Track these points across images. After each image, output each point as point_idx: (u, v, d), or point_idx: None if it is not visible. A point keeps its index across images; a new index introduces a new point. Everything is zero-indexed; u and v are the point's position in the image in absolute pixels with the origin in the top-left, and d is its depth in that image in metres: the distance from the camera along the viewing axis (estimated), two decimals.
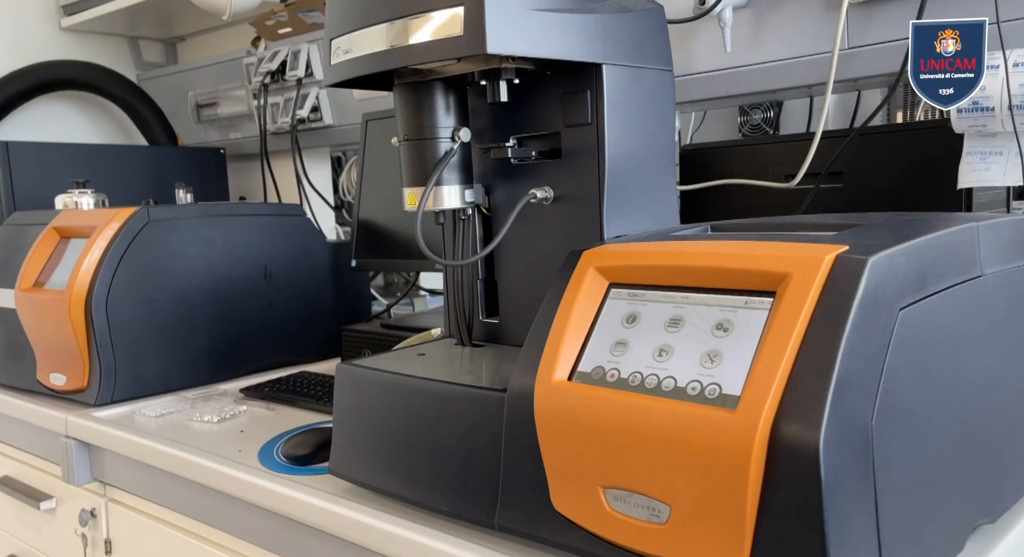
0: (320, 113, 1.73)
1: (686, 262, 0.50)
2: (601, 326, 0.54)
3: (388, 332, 1.15)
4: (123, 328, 1.09)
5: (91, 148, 1.71)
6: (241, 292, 1.24)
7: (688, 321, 0.49)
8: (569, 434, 0.51)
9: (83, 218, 1.17)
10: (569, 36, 0.62)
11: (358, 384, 0.70)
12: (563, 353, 0.54)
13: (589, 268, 0.56)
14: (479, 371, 0.67)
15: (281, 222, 1.31)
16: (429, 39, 0.59)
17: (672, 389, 0.47)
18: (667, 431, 0.46)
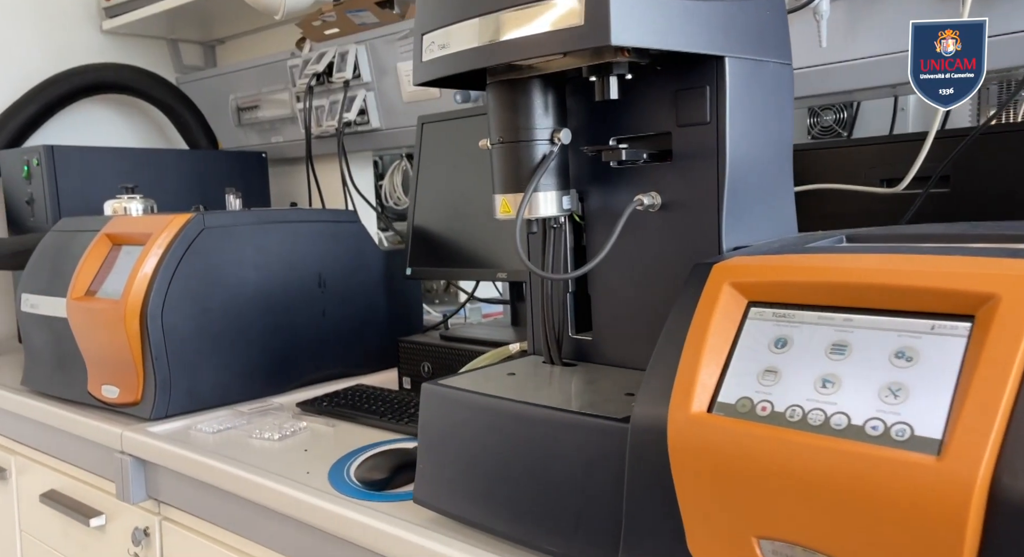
0: (367, 116, 1.69)
1: (852, 279, 0.45)
2: (743, 350, 0.48)
3: (448, 345, 1.10)
4: (178, 339, 1.06)
5: (133, 152, 1.68)
6: (295, 301, 1.19)
7: (856, 348, 0.44)
8: (713, 474, 0.46)
9: (136, 225, 1.14)
10: (693, 26, 0.56)
11: (448, 406, 0.65)
12: (700, 381, 0.48)
13: (724, 284, 0.50)
14: (581, 395, 0.61)
15: (335, 229, 1.26)
16: (544, 31, 0.54)
17: (845, 427, 0.41)
18: (846, 477, 0.40)
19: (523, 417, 0.58)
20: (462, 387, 0.65)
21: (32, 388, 1.27)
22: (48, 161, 1.54)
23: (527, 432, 0.58)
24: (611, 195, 0.69)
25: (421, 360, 1.13)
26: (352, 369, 1.28)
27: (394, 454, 0.80)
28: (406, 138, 1.68)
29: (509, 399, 0.59)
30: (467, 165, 1.23)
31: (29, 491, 1.32)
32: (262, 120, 1.97)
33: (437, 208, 1.26)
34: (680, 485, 0.47)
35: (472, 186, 1.21)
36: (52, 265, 1.23)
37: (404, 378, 1.16)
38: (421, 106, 1.58)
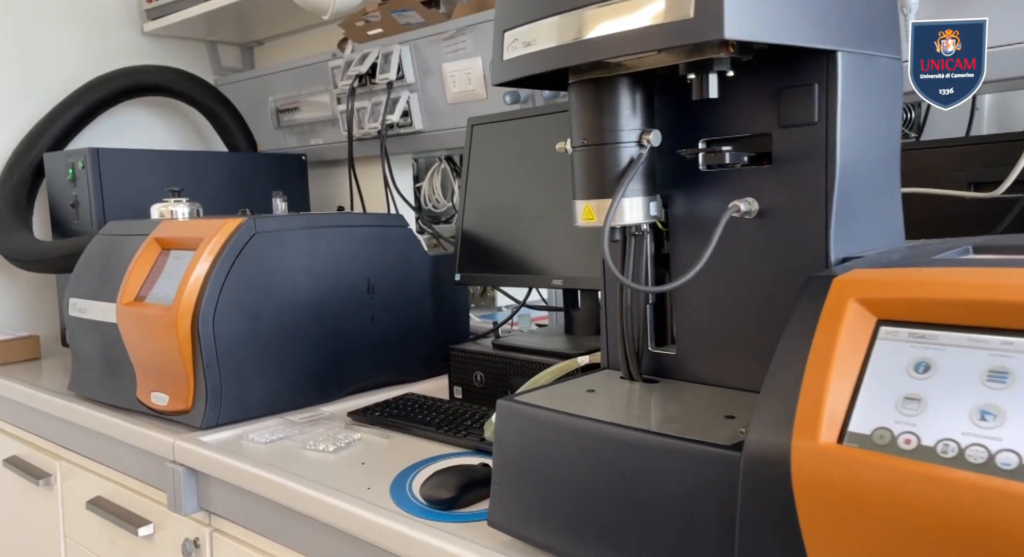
0: (410, 118, 1.66)
1: (1010, 297, 0.40)
2: (876, 375, 0.44)
3: (502, 354, 1.06)
4: (229, 346, 1.03)
5: (175, 154, 1.67)
6: (345, 307, 1.16)
7: (1020, 375, 0.39)
8: (849, 512, 0.41)
9: (186, 229, 1.12)
10: (807, 18, 0.52)
11: (527, 425, 0.61)
12: (827, 408, 0.44)
13: (849, 300, 0.46)
14: (674, 416, 0.57)
15: (384, 233, 1.23)
16: (644, 25, 0.50)
17: (1015, 467, 0.37)
18: (1018, 526, 0.35)
19: (616, 440, 0.54)
20: (543, 405, 0.61)
21: (79, 393, 1.26)
22: (93, 164, 1.53)
23: (620, 456, 0.54)
24: (698, 200, 0.64)
25: (473, 369, 1.10)
26: (400, 377, 1.25)
27: (460, 471, 0.76)
28: (449, 140, 1.65)
29: (599, 420, 0.55)
30: (518, 168, 1.19)
31: (74, 497, 1.31)
32: (301, 122, 1.95)
33: (487, 212, 1.23)
34: (807, 523, 0.43)
35: (523, 189, 1.17)
36: (100, 269, 1.22)
37: (455, 387, 1.13)
38: (466, 108, 1.55)
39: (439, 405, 1.06)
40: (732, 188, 0.62)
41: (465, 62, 1.51)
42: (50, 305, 1.87)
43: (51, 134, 1.78)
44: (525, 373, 1.02)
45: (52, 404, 1.28)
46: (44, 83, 1.86)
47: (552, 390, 0.66)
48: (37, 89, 1.85)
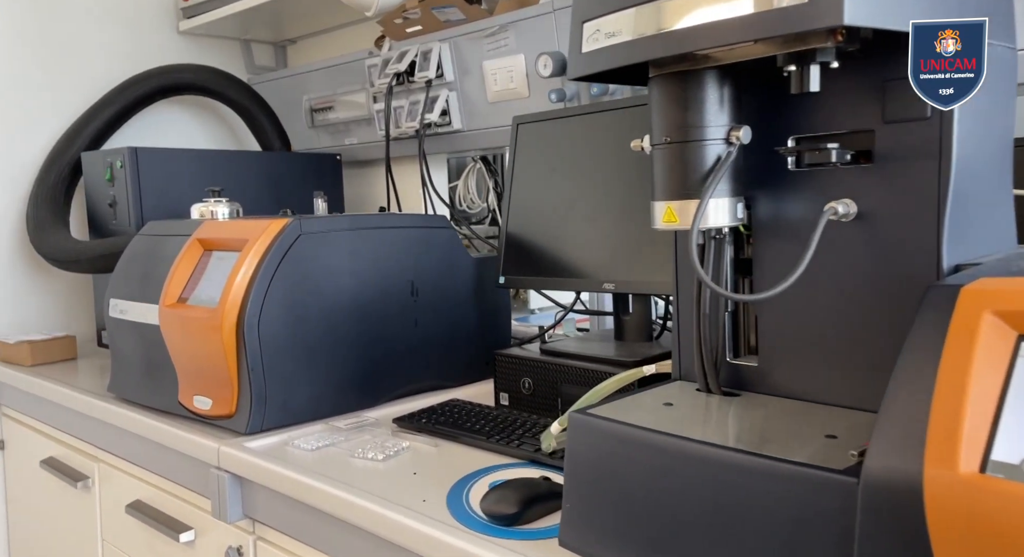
0: (448, 117, 1.62)
1: None
2: (1021, 396, 0.39)
3: (551, 361, 1.02)
4: (274, 349, 1.00)
5: (210, 154, 1.66)
6: (388, 310, 1.13)
7: None
8: (997, 551, 0.37)
9: (229, 230, 1.09)
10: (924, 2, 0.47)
11: (604, 441, 0.57)
12: (965, 433, 0.39)
13: (984, 312, 0.42)
14: (767, 434, 0.53)
15: (428, 235, 1.20)
16: (748, 12, 0.46)
17: None
18: None
19: (709, 460, 0.50)
20: (621, 419, 0.57)
21: (119, 395, 1.24)
22: (132, 163, 1.52)
23: (713, 478, 0.50)
24: (785, 202, 0.60)
25: (521, 375, 1.06)
26: (443, 382, 1.22)
27: (521, 485, 0.72)
28: (487, 140, 1.61)
29: (689, 438, 0.51)
30: (566, 168, 1.15)
31: (113, 500, 1.30)
32: (336, 121, 1.93)
33: (532, 213, 1.19)
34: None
35: (572, 190, 1.14)
36: (141, 270, 1.20)
37: (501, 393, 1.09)
38: (507, 107, 1.51)
39: (486, 412, 1.02)
40: (825, 189, 0.57)
41: (507, 60, 1.47)
42: (86, 305, 1.87)
43: (88, 133, 1.78)
44: (576, 381, 0.99)
45: (91, 406, 1.27)
46: (80, 82, 1.86)
47: (625, 403, 0.62)
48: (74, 88, 1.85)
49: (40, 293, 1.79)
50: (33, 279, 1.78)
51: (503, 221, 1.22)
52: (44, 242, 1.59)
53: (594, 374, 0.96)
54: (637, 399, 0.64)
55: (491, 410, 1.03)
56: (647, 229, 1.00)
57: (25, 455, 1.62)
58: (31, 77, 1.78)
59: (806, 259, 0.52)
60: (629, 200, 1.05)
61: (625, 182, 1.06)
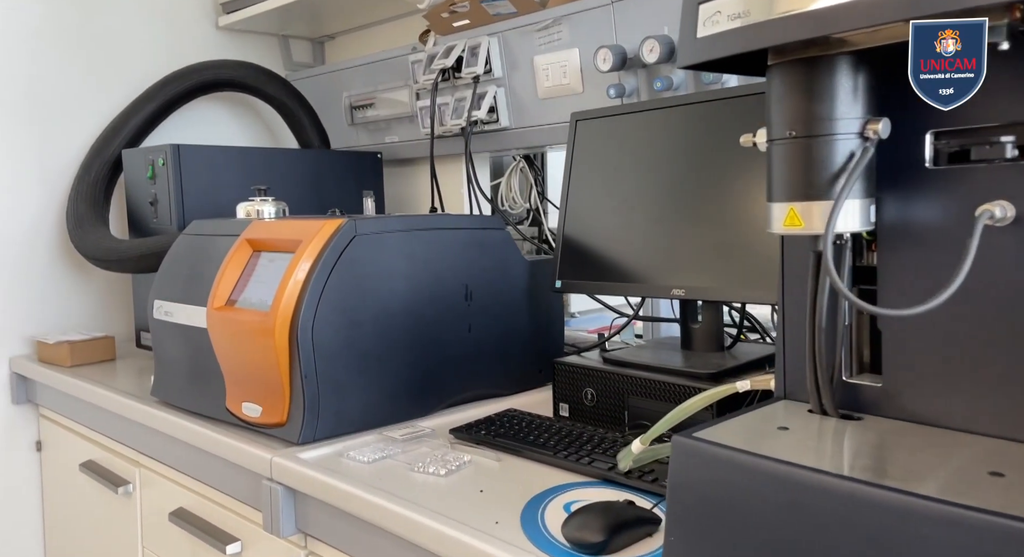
0: (496, 114, 1.58)
1: None
2: None
3: (616, 371, 0.97)
4: (327, 355, 0.97)
5: (252, 151, 1.63)
6: (442, 315, 1.09)
7: None
8: None
9: (280, 230, 1.06)
10: None
11: (716, 469, 0.52)
12: None
13: None
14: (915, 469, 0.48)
15: (482, 237, 1.16)
16: None
17: None
18: None
19: (857, 500, 0.45)
20: (735, 446, 0.52)
21: (162, 399, 1.22)
22: (174, 160, 1.49)
23: (862, 521, 0.45)
24: (918, 203, 0.55)
25: (583, 386, 1.01)
26: (496, 390, 1.18)
27: (605, 511, 0.68)
28: (536, 138, 1.57)
29: (830, 473, 0.46)
30: (628, 166, 1.10)
31: (155, 507, 1.27)
32: (376, 119, 1.90)
33: (591, 214, 1.14)
34: None
35: (636, 189, 1.09)
36: (187, 271, 1.17)
37: (561, 404, 1.05)
38: (559, 103, 1.47)
39: (547, 424, 0.98)
40: (972, 189, 0.52)
41: (560, 54, 1.43)
42: (125, 305, 1.86)
43: (128, 130, 1.76)
44: (645, 393, 0.94)
45: (134, 409, 1.24)
46: (120, 78, 1.85)
47: (732, 426, 0.57)
48: (114, 84, 1.84)
49: (78, 292, 1.79)
50: (72, 278, 1.78)
51: (560, 222, 1.18)
52: (84, 240, 1.58)
53: (665, 387, 0.91)
54: (743, 422, 0.58)
55: (552, 422, 0.99)
56: (721, 231, 0.95)
57: (63, 458, 1.61)
58: (71, 73, 1.78)
59: (964, 269, 0.47)
60: (700, 201, 1.00)
61: (695, 182, 1.01)
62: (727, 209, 0.96)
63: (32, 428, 1.71)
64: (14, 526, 1.69)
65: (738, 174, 0.95)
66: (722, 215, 0.96)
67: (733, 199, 0.96)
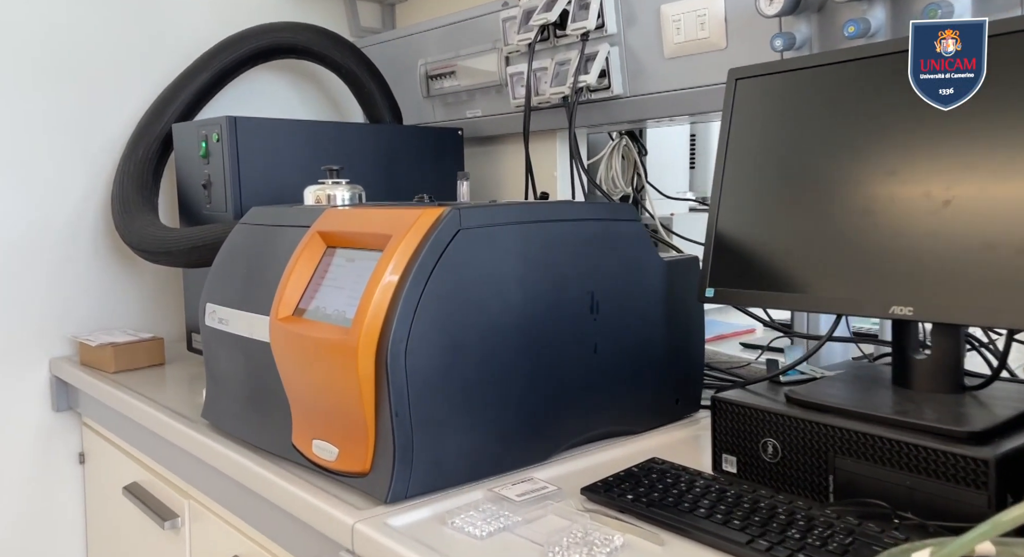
0: (608, 79, 1.36)
1: None
2: None
3: (811, 418, 0.75)
4: (425, 386, 0.78)
5: (320, 126, 1.46)
6: (562, 332, 0.89)
7: None
8: None
9: (361, 221, 0.87)
10: None
11: None
12: None
13: None
14: None
15: (611, 231, 0.95)
16: None
17: None
18: None
19: None
20: None
21: (214, 423, 1.06)
22: (231, 135, 1.33)
23: None
24: None
25: (760, 434, 0.79)
26: (625, 427, 0.97)
27: None
28: (657, 107, 1.34)
29: None
30: (813, 139, 0.87)
31: (207, 549, 1.12)
32: (457, 90, 1.70)
33: (757, 203, 0.92)
34: None
35: (824, 171, 0.85)
36: (244, 269, 1.00)
37: (725, 456, 0.83)
38: (692, 63, 1.24)
39: (713, 486, 0.76)
40: None
41: (697, 1, 1.20)
42: (175, 301, 1.72)
43: (179, 103, 1.61)
44: (862, 453, 0.71)
45: (182, 435, 1.09)
46: (170, 45, 1.70)
47: None
48: (163, 52, 1.69)
49: (125, 286, 1.66)
50: (118, 270, 1.65)
51: (712, 213, 0.95)
52: (131, 229, 1.44)
53: (901, 449, 0.68)
54: None
55: (718, 482, 0.77)
56: (971, 226, 0.71)
57: (107, 475, 1.48)
58: (117, 40, 1.64)
59: None
60: (934, 186, 0.76)
61: (928, 159, 0.77)
62: (984, 195, 0.72)
63: (75, 438, 1.59)
64: (55, 545, 1.58)
65: (999, 142, 0.71)
66: (975, 203, 0.72)
67: (993, 180, 0.71)
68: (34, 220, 1.54)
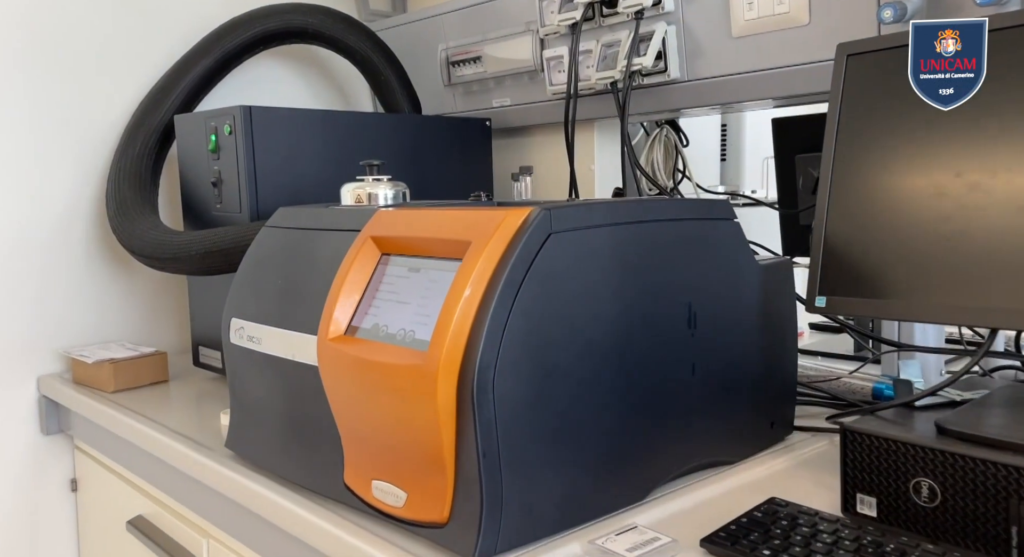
0: (664, 62, 1.26)
1: None
2: None
3: (975, 453, 0.65)
4: (514, 418, 0.67)
5: (342, 118, 1.34)
6: (660, 350, 0.78)
7: None
8: None
9: (424, 225, 0.76)
10: None
11: None
12: None
13: None
14: None
15: (708, 231, 0.84)
16: None
17: None
18: None
19: None
20: None
21: (241, 454, 0.94)
22: (245, 127, 1.21)
23: None
24: None
25: (911, 474, 0.69)
26: (720, 457, 0.86)
27: None
28: (720, 93, 1.24)
29: None
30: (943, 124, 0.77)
31: None
32: (483, 77, 1.59)
33: (879, 199, 0.82)
34: None
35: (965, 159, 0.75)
36: (281, 280, 0.89)
37: (862, 497, 0.73)
38: (764, 43, 1.14)
39: (863, 537, 0.66)
40: None
41: None
42: (175, 309, 1.60)
43: (180, 92, 1.49)
44: None
45: (203, 468, 0.97)
46: (168, 27, 1.57)
47: None
48: (159, 34, 1.56)
49: (121, 296, 1.53)
50: (113, 278, 1.52)
51: (820, 210, 0.85)
52: (131, 233, 1.31)
53: None
54: None
55: (867, 532, 0.67)
56: None
57: (105, 506, 1.36)
58: (108, 20, 1.51)
59: None
60: None
61: None
62: None
63: (66, 463, 1.46)
64: None
65: None
66: None
67: None
68: (18, 223, 1.41)
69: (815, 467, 0.85)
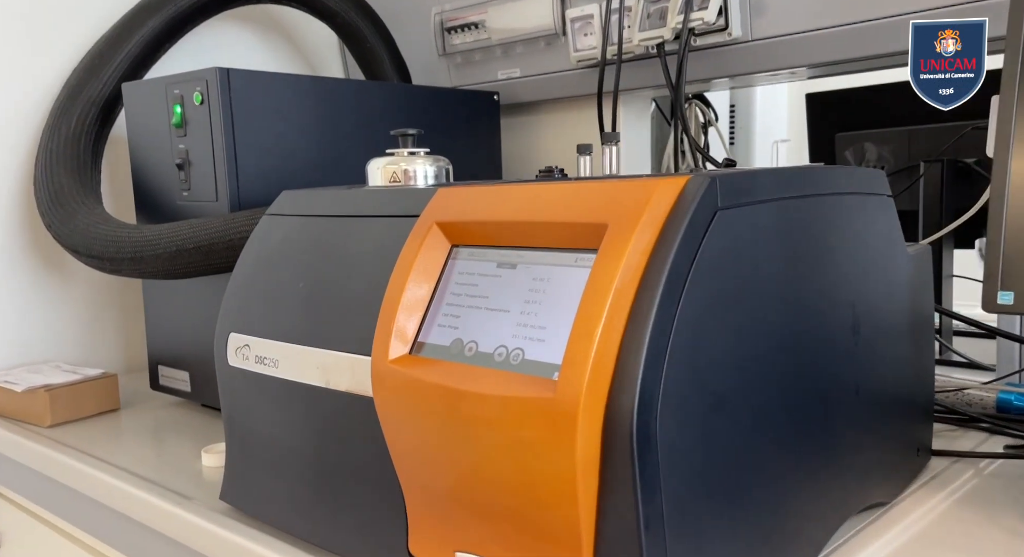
0: (726, 18, 1.10)
1: None
2: None
3: None
4: (680, 472, 0.49)
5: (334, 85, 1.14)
6: (827, 366, 0.62)
7: None
8: None
9: (511, 205, 0.57)
10: None
11: None
12: None
13: None
14: None
15: (866, 211, 0.68)
16: None
17: None
18: None
19: None
20: None
21: (241, 509, 0.74)
22: (222, 96, 0.99)
23: None
24: None
25: None
26: (873, 498, 0.70)
27: None
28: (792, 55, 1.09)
29: None
30: None
31: None
32: (488, 45, 1.41)
33: None
34: None
35: None
36: (300, 283, 0.69)
37: None
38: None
39: None
40: None
41: None
42: (122, 320, 1.36)
43: (122, 57, 1.26)
44: None
45: (193, 528, 0.76)
46: None
47: None
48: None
49: (53, 304, 1.29)
50: (46, 284, 1.28)
51: (998, 191, 0.70)
52: (72, 227, 1.08)
53: None
54: None
55: None
56: None
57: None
58: None
59: None
60: None
61: None
62: None
63: None
64: None
65: None
66: None
67: None
68: None
69: (978, 505, 0.71)
